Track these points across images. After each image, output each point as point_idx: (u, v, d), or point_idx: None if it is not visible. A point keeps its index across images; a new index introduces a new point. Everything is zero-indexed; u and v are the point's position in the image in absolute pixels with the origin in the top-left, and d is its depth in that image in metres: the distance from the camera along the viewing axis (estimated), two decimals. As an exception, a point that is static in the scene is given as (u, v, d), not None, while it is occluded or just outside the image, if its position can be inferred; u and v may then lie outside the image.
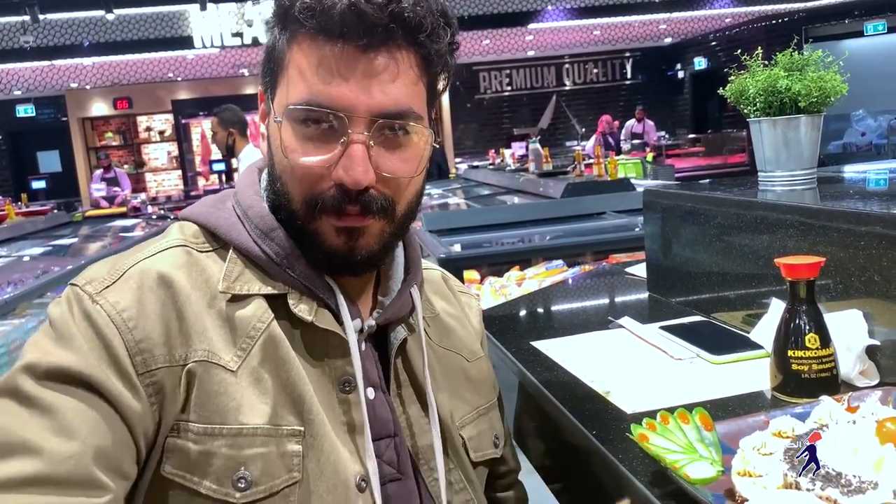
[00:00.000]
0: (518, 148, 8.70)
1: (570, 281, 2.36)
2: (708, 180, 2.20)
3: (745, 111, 1.57)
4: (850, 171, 2.04)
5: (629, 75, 15.87)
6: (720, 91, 1.63)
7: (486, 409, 1.11)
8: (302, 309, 0.93)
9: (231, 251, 0.94)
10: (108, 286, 0.88)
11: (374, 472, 0.92)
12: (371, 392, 0.96)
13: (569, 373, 1.30)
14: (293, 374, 0.90)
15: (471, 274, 3.91)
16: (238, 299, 0.91)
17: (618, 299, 1.89)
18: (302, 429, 0.89)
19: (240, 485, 0.84)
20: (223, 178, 11.10)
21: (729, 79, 1.58)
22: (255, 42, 9.99)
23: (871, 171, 1.88)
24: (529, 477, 1.27)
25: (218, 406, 0.86)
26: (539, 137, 8.93)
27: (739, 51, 1.82)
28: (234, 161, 6.10)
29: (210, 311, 0.89)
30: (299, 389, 0.90)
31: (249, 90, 13.61)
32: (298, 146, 0.90)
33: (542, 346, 1.47)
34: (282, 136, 0.90)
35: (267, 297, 0.92)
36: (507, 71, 15.32)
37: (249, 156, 5.01)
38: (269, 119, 0.95)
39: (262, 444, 0.86)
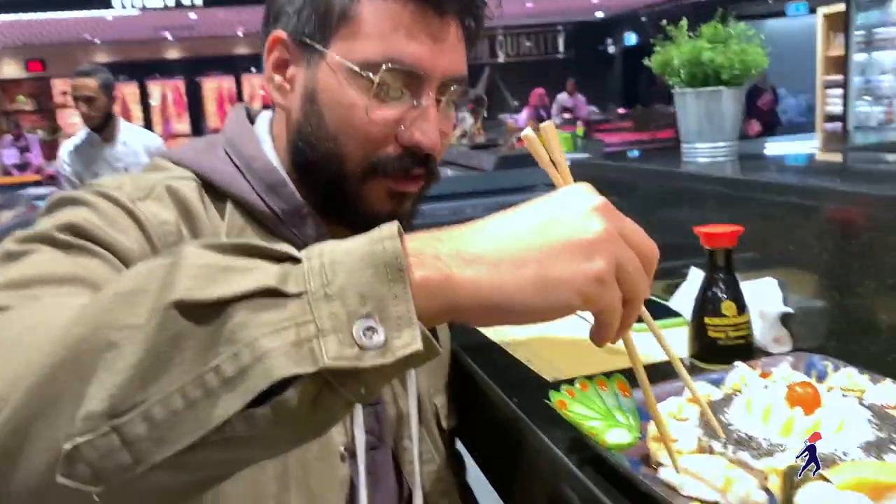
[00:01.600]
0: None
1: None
2: (633, 152, 2.23)
3: (670, 82, 1.58)
4: (770, 145, 2.09)
5: (562, 49, 15.98)
6: (645, 61, 1.64)
7: (448, 377, 1.13)
8: None
9: (229, 203, 0.90)
10: (140, 197, 0.83)
11: (361, 441, 0.91)
12: None
13: (491, 340, 1.30)
14: None
15: (403, 247, 3.88)
16: None
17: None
18: None
19: None
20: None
21: (654, 48, 1.59)
22: (179, 4, 9.61)
23: (789, 145, 1.94)
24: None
25: None
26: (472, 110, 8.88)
27: (665, 21, 1.83)
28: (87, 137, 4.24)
29: None
30: None
31: (172, 54, 13.13)
32: (366, 104, 0.85)
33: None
34: (345, 92, 0.85)
35: None
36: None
37: (132, 136, 4.27)
38: (314, 71, 0.88)
39: None
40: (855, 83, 7.06)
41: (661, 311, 1.33)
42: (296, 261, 0.52)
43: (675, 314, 1.29)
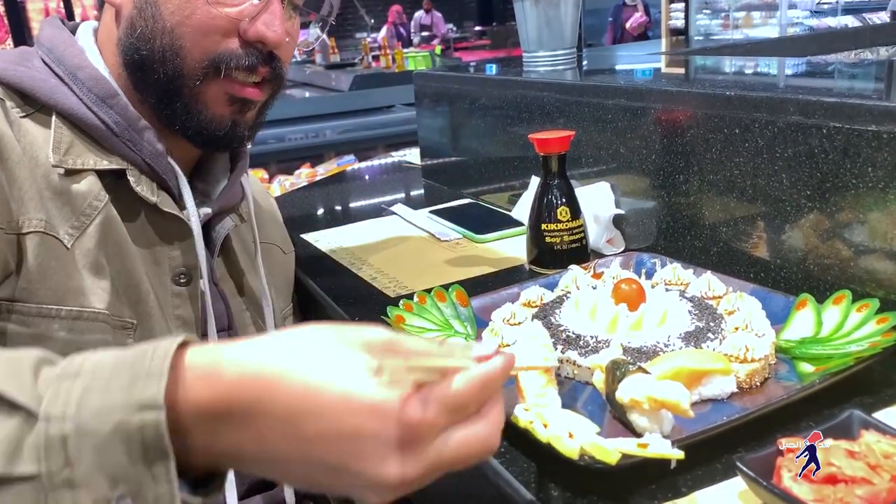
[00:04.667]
0: (304, 38, 8.31)
1: (349, 172, 2.30)
2: (474, 63, 2.20)
3: (509, -11, 1.54)
4: (613, 53, 2.12)
5: (416, -36, 15.56)
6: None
7: (294, 303, 1.12)
8: (144, 188, 0.83)
9: (55, 117, 0.81)
10: None
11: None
12: (205, 284, 0.89)
13: (336, 262, 1.26)
14: (128, 261, 0.81)
15: (258, 173, 3.71)
16: (70, 174, 0.79)
17: (395, 189, 1.86)
18: (134, 321, 0.81)
19: None
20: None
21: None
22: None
23: (630, 52, 1.97)
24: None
25: (55, 284, 0.76)
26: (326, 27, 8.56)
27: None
28: None
29: (42, 180, 0.78)
30: (135, 279, 0.82)
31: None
32: None
33: (312, 237, 1.41)
34: None
35: (101, 173, 0.81)
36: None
37: None
38: None
39: (101, 331, 0.78)
40: (695, -3, 7.34)
41: (503, 222, 1.33)
42: (31, 416, 0.40)
43: (517, 223, 1.30)
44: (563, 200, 1.07)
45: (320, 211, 1.74)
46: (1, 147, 0.75)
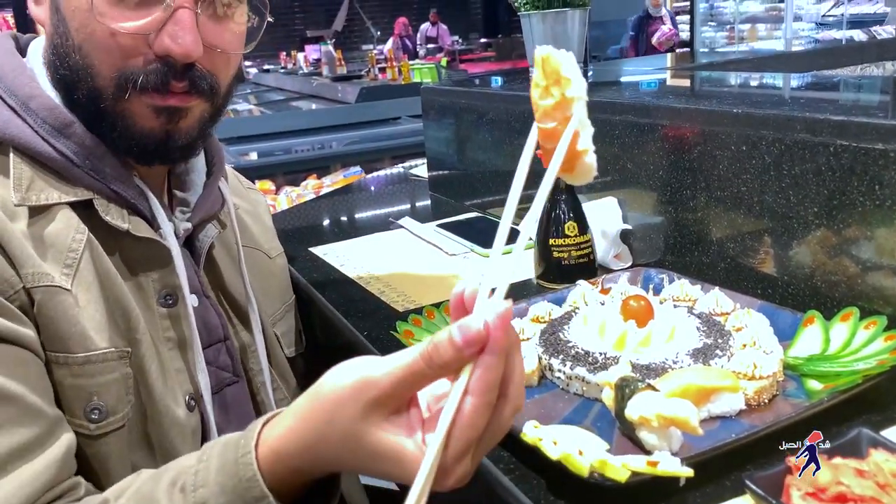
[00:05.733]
0: (312, 51, 8.36)
1: (355, 185, 2.31)
2: (480, 75, 2.21)
3: (516, 4, 1.56)
4: (619, 67, 2.13)
5: (422, -23, 15.65)
6: (491, -17, 1.60)
7: (290, 304, 1.10)
8: (114, 216, 0.80)
9: (12, 154, 0.77)
10: None
11: (206, 385, 0.86)
12: (195, 299, 0.88)
13: (344, 275, 1.27)
14: (116, 289, 0.79)
15: (265, 184, 3.72)
16: (38, 211, 0.76)
17: (401, 201, 1.87)
18: (129, 350, 0.79)
19: (93, 416, 0.75)
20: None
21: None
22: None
23: (637, 66, 1.98)
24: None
25: (62, 332, 0.74)
26: (334, 40, 8.62)
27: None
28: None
29: (15, 228, 0.74)
30: (124, 306, 0.79)
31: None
32: (108, 9, 0.74)
33: (321, 251, 1.42)
34: (82, 1, 0.74)
35: (71, 205, 0.78)
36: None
37: None
38: None
39: (108, 371, 0.76)
40: (700, 10, 7.37)
41: (511, 236, 1.33)
42: None
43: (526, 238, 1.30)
44: (571, 216, 1.08)
45: (328, 224, 1.75)
46: None
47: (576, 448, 0.60)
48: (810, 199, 0.87)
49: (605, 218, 1.14)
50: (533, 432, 0.63)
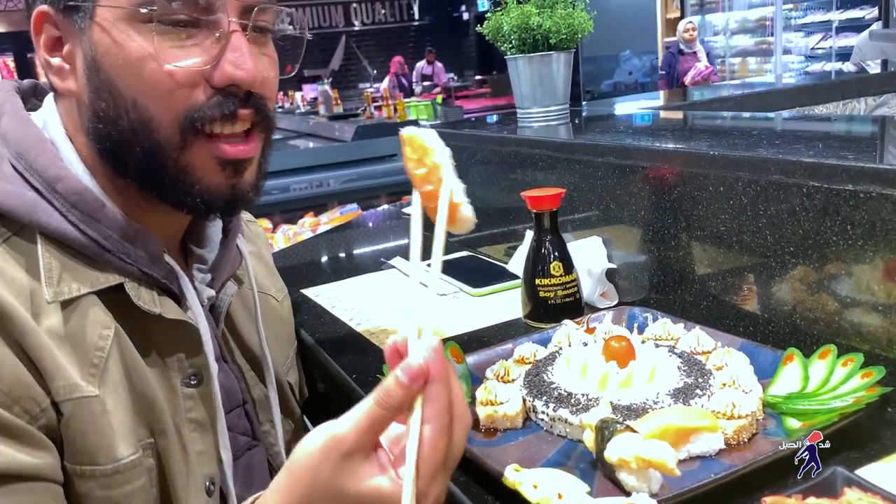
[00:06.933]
0: (309, 90, 8.46)
1: (348, 224, 2.33)
2: (475, 111, 2.25)
3: (503, 48, 1.59)
4: (607, 106, 2.16)
5: (417, 16, 15.89)
6: (478, 28, 1.64)
7: (295, 349, 1.09)
8: (145, 300, 0.76)
9: (40, 242, 0.72)
10: None
11: (229, 462, 0.83)
12: (215, 367, 0.84)
13: (336, 318, 1.28)
14: (142, 378, 0.75)
15: (262, 223, 3.75)
16: (67, 304, 0.71)
17: (393, 240, 1.89)
18: (153, 440, 0.76)
19: None
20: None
21: (486, 16, 1.59)
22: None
23: (624, 106, 2.02)
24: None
25: (87, 446, 0.70)
26: (331, 79, 8.72)
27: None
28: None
29: (41, 327, 0.69)
30: (149, 396, 0.76)
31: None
32: (157, 53, 0.70)
33: (313, 292, 1.43)
34: (129, 46, 0.70)
35: (99, 292, 0.74)
36: (292, 10, 14.74)
37: None
38: (89, 36, 0.72)
39: (138, 477, 0.74)
40: (691, 44, 7.46)
41: (499, 275, 1.36)
42: None
43: (514, 276, 1.32)
44: (556, 255, 1.09)
45: (322, 264, 1.77)
46: (3, 316, 0.66)
47: (555, 491, 0.61)
48: (786, 239, 0.89)
49: (590, 257, 1.16)
50: (514, 475, 0.64)
